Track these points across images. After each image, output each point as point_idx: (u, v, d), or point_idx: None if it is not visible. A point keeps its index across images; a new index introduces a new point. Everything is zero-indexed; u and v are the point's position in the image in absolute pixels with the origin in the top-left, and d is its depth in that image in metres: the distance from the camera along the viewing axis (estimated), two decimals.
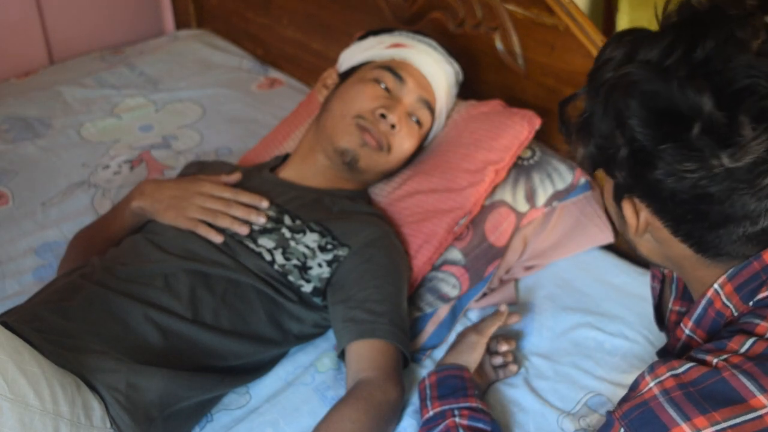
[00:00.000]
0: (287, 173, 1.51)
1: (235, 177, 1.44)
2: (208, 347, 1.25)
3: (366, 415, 1.17)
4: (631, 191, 0.91)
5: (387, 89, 1.46)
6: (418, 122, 1.48)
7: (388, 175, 1.52)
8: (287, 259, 1.34)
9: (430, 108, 1.50)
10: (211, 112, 2.11)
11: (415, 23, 1.84)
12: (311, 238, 1.36)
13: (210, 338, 1.25)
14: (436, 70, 1.51)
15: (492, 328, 1.28)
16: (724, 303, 0.91)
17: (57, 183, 1.84)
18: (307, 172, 1.49)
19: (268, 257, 1.34)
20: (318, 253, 1.35)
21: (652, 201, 0.89)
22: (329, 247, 1.36)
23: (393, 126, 1.43)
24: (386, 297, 1.31)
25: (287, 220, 1.38)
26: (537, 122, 1.54)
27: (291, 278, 1.33)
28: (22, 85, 2.25)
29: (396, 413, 1.24)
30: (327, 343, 1.40)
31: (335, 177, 1.48)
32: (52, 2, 2.40)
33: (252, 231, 1.36)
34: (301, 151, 1.52)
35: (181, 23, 2.64)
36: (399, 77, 1.47)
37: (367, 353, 1.25)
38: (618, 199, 0.94)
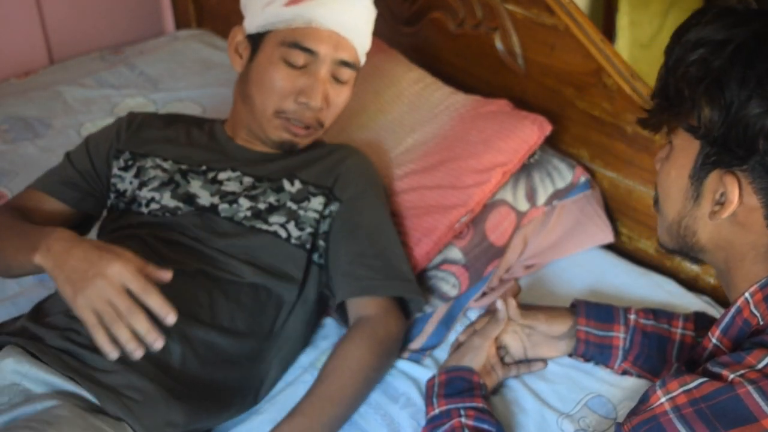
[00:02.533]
0: (242, 139, 1.43)
1: (166, 276, 1.11)
2: (225, 351, 1.24)
3: (370, 352, 1.26)
4: (745, 162, 0.87)
5: (301, 65, 1.34)
6: (345, 81, 1.38)
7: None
8: (301, 229, 1.34)
9: (352, 64, 1.37)
10: (211, 112, 2.10)
11: (415, 23, 1.84)
12: (317, 202, 1.36)
13: (227, 341, 1.25)
14: (347, 16, 1.34)
15: (495, 332, 1.28)
16: (751, 311, 0.90)
17: None
18: (259, 143, 1.43)
19: (283, 234, 1.32)
20: (325, 214, 1.36)
21: (764, 175, 0.87)
22: (330, 204, 1.37)
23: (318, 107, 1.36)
24: (381, 250, 1.34)
25: (287, 185, 1.36)
26: (548, 128, 1.54)
27: (308, 247, 1.33)
28: (22, 85, 2.25)
29: (398, 346, 1.33)
30: (327, 342, 1.40)
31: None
32: (52, 2, 2.40)
33: (260, 211, 1.33)
34: (242, 124, 1.43)
35: (181, 23, 2.64)
36: (309, 51, 1.33)
37: (367, 302, 1.32)
38: (704, 172, 0.91)
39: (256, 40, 1.37)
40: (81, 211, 1.42)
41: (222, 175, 1.37)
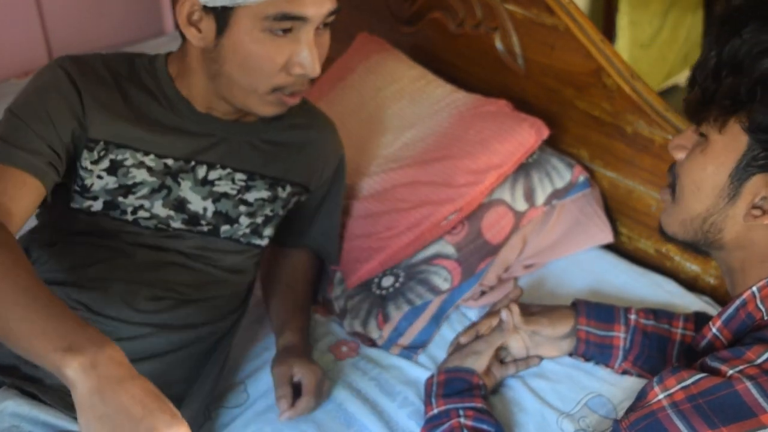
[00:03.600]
0: (201, 105, 1.28)
1: None
2: (200, 343, 1.28)
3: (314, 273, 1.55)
4: None
5: (286, 29, 1.16)
6: (328, 24, 1.22)
7: None
8: (275, 227, 1.38)
9: (337, 9, 1.19)
10: None
11: (415, 23, 1.84)
12: (294, 201, 1.39)
13: (198, 332, 1.27)
14: None
15: (500, 341, 1.28)
16: (757, 305, 0.91)
17: None
18: (224, 107, 1.28)
19: (266, 243, 1.36)
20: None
21: None
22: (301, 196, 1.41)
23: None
24: (333, 226, 1.49)
25: (281, 192, 1.35)
26: (545, 132, 1.54)
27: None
28: (22, 85, 2.24)
29: None
30: (323, 343, 1.41)
31: None
32: (52, 2, 2.40)
33: (258, 226, 1.32)
34: (204, 92, 1.27)
35: None
36: (300, 18, 1.15)
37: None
38: (747, 173, 0.89)
39: (221, 14, 1.15)
40: (45, 188, 1.14)
41: (212, 174, 1.28)
